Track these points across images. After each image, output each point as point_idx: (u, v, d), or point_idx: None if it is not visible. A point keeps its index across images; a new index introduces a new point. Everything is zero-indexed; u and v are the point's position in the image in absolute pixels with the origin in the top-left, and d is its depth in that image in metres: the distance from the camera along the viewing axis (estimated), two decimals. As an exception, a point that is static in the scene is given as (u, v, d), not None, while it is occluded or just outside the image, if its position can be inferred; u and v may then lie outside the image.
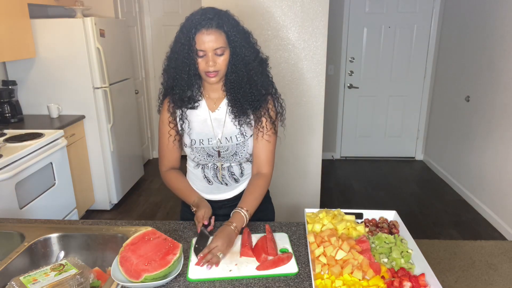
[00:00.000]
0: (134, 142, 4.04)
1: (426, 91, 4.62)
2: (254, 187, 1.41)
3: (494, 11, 3.31)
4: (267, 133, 1.39)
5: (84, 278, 1.11)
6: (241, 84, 1.31)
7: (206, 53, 1.25)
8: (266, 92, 1.37)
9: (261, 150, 1.41)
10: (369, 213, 1.42)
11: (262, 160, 1.42)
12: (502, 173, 3.17)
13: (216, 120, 1.39)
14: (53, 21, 3.10)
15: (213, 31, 1.23)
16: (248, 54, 1.29)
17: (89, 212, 3.48)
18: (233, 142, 1.39)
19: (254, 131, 1.39)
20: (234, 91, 1.33)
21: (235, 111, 1.36)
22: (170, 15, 4.50)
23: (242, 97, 1.33)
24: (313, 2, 2.45)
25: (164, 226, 1.42)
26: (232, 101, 1.35)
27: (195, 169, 1.48)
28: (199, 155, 1.41)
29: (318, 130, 2.69)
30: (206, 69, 1.27)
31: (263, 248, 1.21)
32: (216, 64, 1.26)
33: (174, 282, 1.12)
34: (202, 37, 1.23)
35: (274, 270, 1.15)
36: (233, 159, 1.42)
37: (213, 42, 1.23)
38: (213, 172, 1.45)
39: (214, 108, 1.39)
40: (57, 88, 3.23)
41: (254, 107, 1.35)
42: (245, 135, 1.39)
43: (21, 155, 2.31)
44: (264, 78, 1.36)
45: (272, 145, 1.43)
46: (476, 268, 2.65)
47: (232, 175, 1.46)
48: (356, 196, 3.89)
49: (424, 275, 1.08)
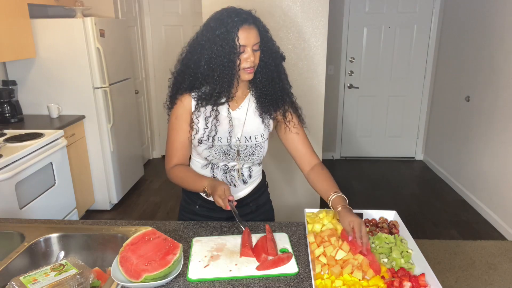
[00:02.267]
0: (134, 142, 4.04)
1: (426, 91, 4.62)
2: (325, 174, 1.42)
3: (494, 11, 3.31)
4: (295, 126, 1.43)
5: (84, 278, 1.11)
6: (271, 80, 1.35)
7: (246, 48, 1.27)
8: (290, 88, 1.42)
9: (300, 145, 1.45)
10: (369, 213, 1.42)
11: (308, 153, 1.45)
12: (502, 173, 3.17)
13: (236, 119, 1.39)
14: (53, 21, 3.10)
15: (252, 26, 1.27)
16: (275, 51, 1.35)
17: (89, 212, 3.48)
18: (252, 142, 1.40)
19: (283, 127, 1.43)
20: (263, 88, 1.36)
21: (261, 108, 1.39)
22: (170, 15, 4.50)
23: (270, 94, 1.36)
24: (313, 2, 2.44)
25: (164, 226, 1.42)
26: (260, 99, 1.38)
27: (203, 169, 1.46)
28: (216, 153, 1.39)
29: (318, 130, 2.69)
30: (246, 64, 1.28)
31: (263, 248, 1.21)
32: (255, 59, 1.29)
33: (174, 282, 1.12)
34: (245, 33, 1.25)
35: (274, 270, 1.15)
36: (249, 159, 1.43)
37: (254, 37, 1.27)
38: (223, 172, 1.44)
39: (235, 107, 1.40)
40: (57, 88, 3.23)
41: (279, 104, 1.39)
42: (262, 136, 1.41)
43: (21, 155, 2.31)
44: (286, 75, 1.41)
45: (305, 137, 1.47)
46: (476, 268, 2.65)
47: (241, 176, 1.46)
48: (356, 196, 3.89)
49: (424, 275, 1.08)
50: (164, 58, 4.60)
